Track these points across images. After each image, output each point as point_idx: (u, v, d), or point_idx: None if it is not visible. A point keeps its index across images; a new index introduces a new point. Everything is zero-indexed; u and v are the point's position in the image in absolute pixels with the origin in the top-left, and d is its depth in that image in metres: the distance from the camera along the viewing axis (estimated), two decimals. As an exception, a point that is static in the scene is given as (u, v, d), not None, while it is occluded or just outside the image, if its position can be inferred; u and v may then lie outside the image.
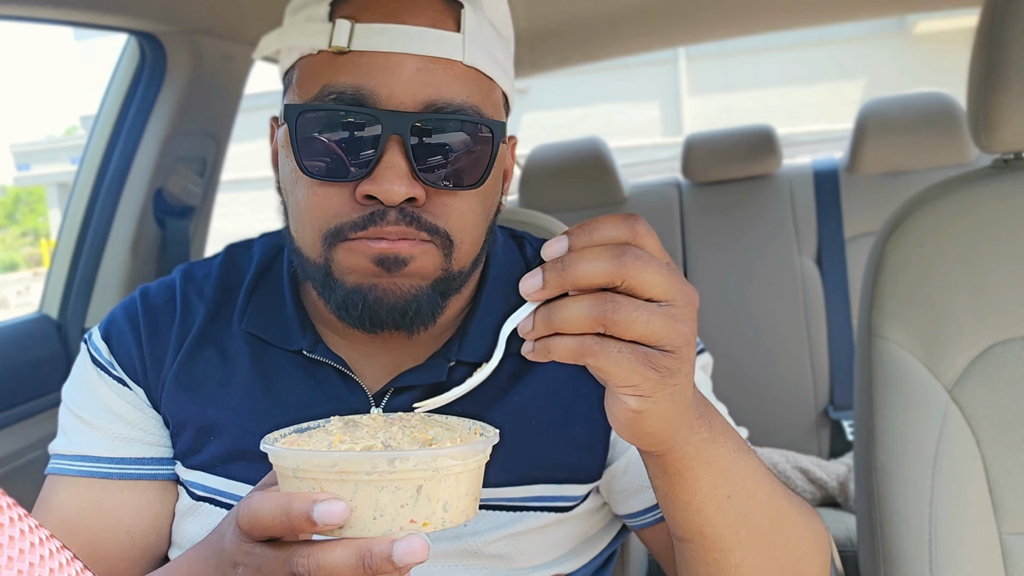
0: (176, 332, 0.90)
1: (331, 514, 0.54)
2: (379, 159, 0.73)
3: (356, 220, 0.75)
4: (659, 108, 13.30)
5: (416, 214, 0.75)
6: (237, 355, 0.88)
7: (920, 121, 2.49)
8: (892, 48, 11.92)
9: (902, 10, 3.11)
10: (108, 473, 0.86)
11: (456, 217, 0.77)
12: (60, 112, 35.15)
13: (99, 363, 0.90)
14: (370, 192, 0.73)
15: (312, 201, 0.77)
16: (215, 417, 0.85)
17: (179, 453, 0.88)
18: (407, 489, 0.56)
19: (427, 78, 0.75)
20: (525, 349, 0.59)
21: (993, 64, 1.03)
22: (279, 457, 0.58)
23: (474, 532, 0.83)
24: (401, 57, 0.74)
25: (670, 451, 0.64)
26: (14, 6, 1.38)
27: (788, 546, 0.74)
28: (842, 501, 2.12)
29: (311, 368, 0.86)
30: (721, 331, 2.54)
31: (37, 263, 17.70)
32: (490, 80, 0.80)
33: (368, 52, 0.75)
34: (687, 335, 0.57)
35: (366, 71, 0.74)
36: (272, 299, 0.91)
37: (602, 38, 2.43)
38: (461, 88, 0.76)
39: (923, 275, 1.06)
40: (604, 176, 2.71)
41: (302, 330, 0.87)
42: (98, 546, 0.85)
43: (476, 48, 0.78)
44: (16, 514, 0.33)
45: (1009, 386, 1.01)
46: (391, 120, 0.73)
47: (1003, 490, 1.00)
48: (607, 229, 0.57)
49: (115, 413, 0.89)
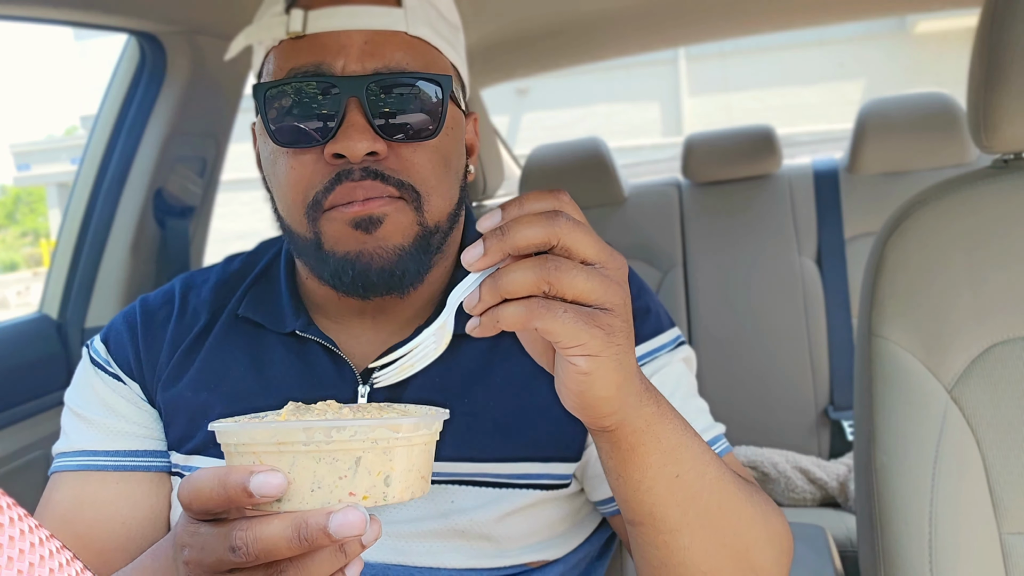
0: (173, 330, 0.96)
1: (268, 485, 0.55)
2: (341, 121, 0.81)
3: (327, 184, 0.82)
4: (659, 108, 13.31)
5: (379, 170, 0.82)
6: (232, 342, 0.93)
7: (920, 121, 2.49)
8: (892, 48, 11.93)
9: (902, 10, 3.11)
10: (103, 465, 0.90)
11: (417, 169, 0.84)
12: (60, 112, 35.16)
13: (97, 363, 0.96)
14: (336, 151, 0.80)
15: (291, 174, 0.84)
16: (207, 401, 0.90)
17: (173, 442, 0.92)
18: (345, 460, 0.57)
19: (375, 48, 0.83)
20: (470, 326, 0.61)
21: (993, 64, 1.03)
22: (222, 433, 0.59)
23: (460, 510, 0.85)
24: (350, 33, 0.83)
25: (621, 424, 0.66)
26: (14, 6, 1.38)
27: (737, 532, 0.76)
28: (842, 501, 2.12)
29: (302, 350, 0.91)
30: (721, 331, 2.54)
31: (37, 263, 17.72)
32: (435, 49, 0.88)
33: (322, 33, 0.84)
34: (622, 295, 0.61)
35: (321, 49, 0.83)
36: (269, 288, 0.97)
37: (602, 38, 2.43)
38: (406, 53, 0.84)
39: (923, 275, 1.06)
40: (604, 176, 2.71)
41: (295, 313, 0.92)
42: (94, 537, 0.88)
43: (418, 21, 0.86)
44: (16, 514, 0.33)
45: (1009, 386, 1.01)
46: (347, 84, 0.81)
47: (1003, 490, 1.00)
48: (536, 201, 0.61)
49: (110, 408, 0.93)
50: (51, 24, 1.49)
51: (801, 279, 2.53)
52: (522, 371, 0.87)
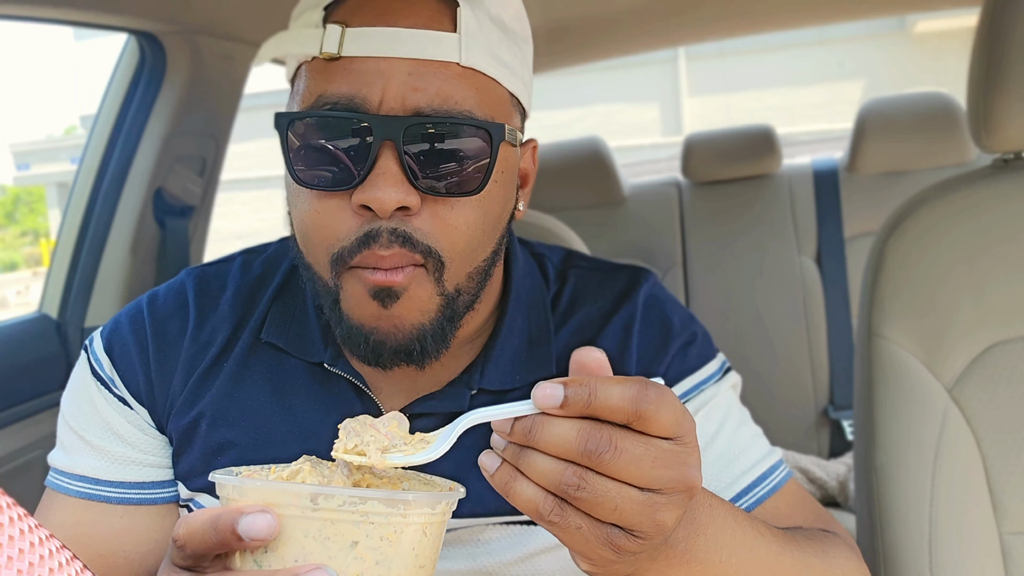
0: (188, 347, 0.86)
1: (256, 527, 0.52)
2: (372, 166, 0.71)
3: (353, 244, 0.73)
4: (659, 108, 13.30)
5: (408, 233, 0.72)
6: (252, 368, 0.85)
7: (920, 121, 2.49)
8: (892, 48, 11.92)
9: (902, 10, 3.11)
10: (108, 497, 0.83)
11: (450, 232, 0.74)
12: (60, 112, 35.14)
13: (100, 377, 0.87)
14: (363, 201, 0.71)
15: (313, 218, 0.75)
16: (226, 436, 0.83)
17: (181, 473, 0.85)
18: (337, 541, 0.53)
19: (419, 82, 0.72)
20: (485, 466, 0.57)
21: (993, 64, 1.03)
22: (219, 486, 0.58)
23: (489, 551, 0.81)
24: (392, 61, 0.72)
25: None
26: (14, 6, 1.38)
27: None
28: (842, 501, 2.12)
29: (328, 383, 0.84)
30: (720, 331, 2.54)
31: (37, 263, 17.70)
32: (492, 81, 0.77)
33: (359, 58, 0.73)
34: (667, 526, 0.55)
35: (358, 77, 0.72)
36: (294, 309, 0.88)
37: (602, 38, 2.42)
38: (456, 90, 0.73)
39: (923, 275, 1.06)
40: (604, 176, 2.71)
41: (324, 343, 0.85)
42: (95, 570, 0.82)
43: (474, 48, 0.74)
44: (16, 514, 0.33)
45: (1009, 386, 1.01)
46: (382, 125, 0.70)
47: (1003, 490, 1.00)
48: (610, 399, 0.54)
49: (115, 433, 0.85)
50: (51, 24, 1.49)
51: (801, 279, 2.52)
52: None
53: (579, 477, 0.53)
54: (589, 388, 0.53)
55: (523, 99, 0.83)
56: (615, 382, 0.53)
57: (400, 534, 0.54)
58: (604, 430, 0.53)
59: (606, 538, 0.54)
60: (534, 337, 0.87)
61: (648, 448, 0.53)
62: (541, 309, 0.89)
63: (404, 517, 0.54)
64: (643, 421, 0.53)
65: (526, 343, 0.86)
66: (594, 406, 0.53)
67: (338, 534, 0.53)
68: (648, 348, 0.88)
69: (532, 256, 0.95)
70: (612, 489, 0.53)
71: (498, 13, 0.78)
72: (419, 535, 0.55)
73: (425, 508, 0.55)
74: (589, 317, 0.89)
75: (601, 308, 0.90)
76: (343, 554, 0.53)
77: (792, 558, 0.71)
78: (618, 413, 0.53)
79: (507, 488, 0.56)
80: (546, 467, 0.54)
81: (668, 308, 0.91)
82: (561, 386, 0.53)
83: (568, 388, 0.53)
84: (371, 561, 0.53)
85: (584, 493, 0.53)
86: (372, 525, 0.53)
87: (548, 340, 0.87)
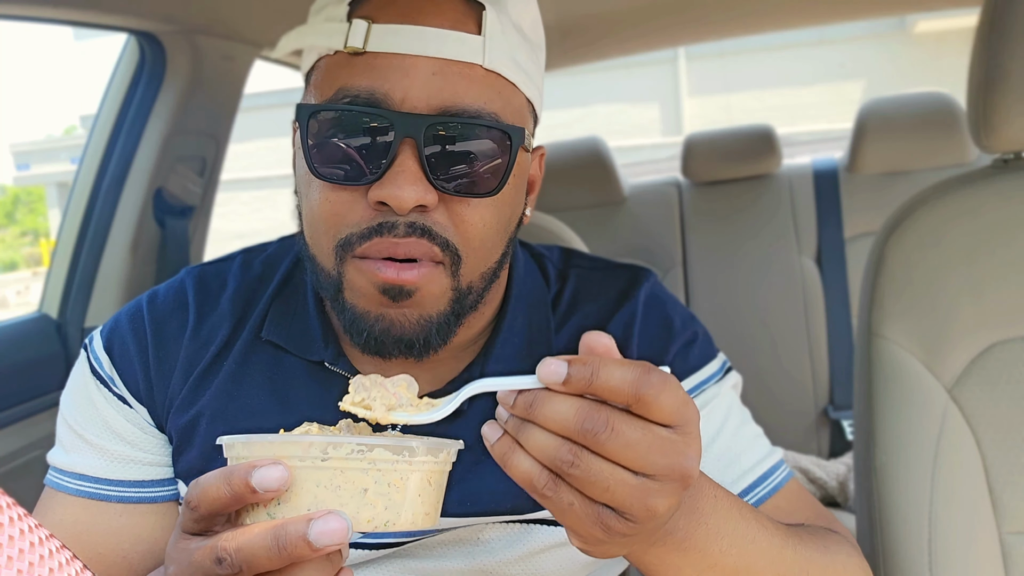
0: (187, 346, 0.86)
1: (269, 478, 0.53)
2: (391, 162, 0.71)
3: (364, 231, 0.73)
4: (659, 108, 13.30)
5: (427, 226, 0.73)
6: (252, 366, 0.85)
7: (920, 121, 2.49)
8: (892, 48, 11.92)
9: (902, 10, 3.11)
10: (106, 496, 0.83)
11: (467, 229, 0.75)
12: (60, 112, 35.15)
13: (99, 376, 0.86)
14: (380, 197, 0.71)
15: (325, 207, 0.75)
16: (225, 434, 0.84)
17: (181, 472, 0.85)
18: (348, 489, 0.55)
19: (443, 82, 0.73)
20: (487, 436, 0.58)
21: (993, 64, 1.03)
22: (227, 447, 0.59)
23: (488, 550, 0.81)
24: (417, 59, 0.72)
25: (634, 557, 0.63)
26: (14, 6, 1.38)
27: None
28: (842, 501, 2.12)
29: (328, 381, 0.84)
30: (720, 330, 2.54)
31: (37, 263, 17.70)
32: (512, 85, 0.77)
33: (384, 54, 0.73)
34: (658, 512, 0.55)
35: (381, 73, 0.73)
36: (294, 307, 0.88)
37: (604, 38, 2.42)
38: (479, 93, 0.74)
39: (923, 275, 1.06)
40: (604, 176, 2.71)
41: (324, 341, 0.85)
42: (94, 568, 0.82)
43: (497, 51, 0.75)
44: (16, 514, 0.33)
45: (1009, 386, 1.01)
46: (404, 123, 0.71)
47: (1003, 490, 1.00)
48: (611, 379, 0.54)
49: (114, 432, 0.85)
50: (51, 24, 1.49)
51: (801, 279, 2.53)
52: None
53: (574, 455, 0.54)
54: (592, 367, 0.54)
55: (537, 105, 0.84)
56: (618, 364, 0.54)
57: (406, 480, 0.57)
58: (603, 411, 0.54)
59: (597, 517, 0.55)
60: (535, 337, 0.88)
61: (645, 433, 0.54)
62: (542, 309, 0.90)
63: (409, 464, 0.56)
64: (643, 405, 0.54)
65: (527, 343, 0.87)
66: (595, 385, 0.53)
67: (348, 482, 0.55)
68: (649, 347, 0.88)
69: (532, 257, 0.95)
70: (605, 470, 0.54)
71: (519, 20, 0.79)
72: (424, 483, 0.58)
73: (428, 455, 0.57)
74: (590, 316, 0.89)
75: (602, 307, 0.90)
76: (354, 501, 0.55)
77: (794, 552, 0.71)
78: (618, 394, 0.54)
79: (505, 459, 0.57)
80: (543, 442, 0.55)
81: (669, 307, 0.91)
82: (565, 363, 0.54)
83: (572, 366, 0.54)
84: (380, 507, 0.56)
85: (577, 471, 0.54)
86: (380, 472, 0.55)
87: (549, 340, 0.88)
